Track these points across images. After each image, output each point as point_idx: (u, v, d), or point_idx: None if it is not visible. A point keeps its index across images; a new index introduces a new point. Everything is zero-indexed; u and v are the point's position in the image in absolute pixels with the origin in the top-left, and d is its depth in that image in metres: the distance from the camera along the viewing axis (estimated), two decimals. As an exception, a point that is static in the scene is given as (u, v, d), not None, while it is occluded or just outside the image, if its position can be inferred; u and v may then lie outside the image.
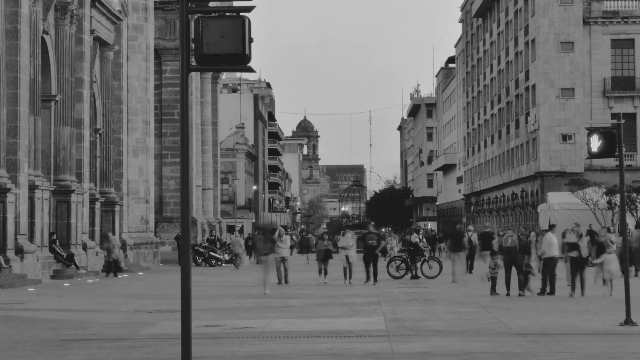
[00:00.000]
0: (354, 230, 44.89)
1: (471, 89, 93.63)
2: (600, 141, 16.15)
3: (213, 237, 52.59)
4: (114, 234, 39.42)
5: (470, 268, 34.41)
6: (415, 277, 31.54)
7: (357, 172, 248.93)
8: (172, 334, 14.49)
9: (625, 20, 62.75)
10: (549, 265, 23.87)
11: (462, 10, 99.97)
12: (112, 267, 34.59)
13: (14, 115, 29.36)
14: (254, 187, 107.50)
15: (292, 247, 60.25)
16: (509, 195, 74.24)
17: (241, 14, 8.43)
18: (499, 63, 78.71)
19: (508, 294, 23.66)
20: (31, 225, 30.54)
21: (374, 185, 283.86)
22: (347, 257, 29.78)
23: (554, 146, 62.42)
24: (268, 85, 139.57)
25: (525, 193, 68.29)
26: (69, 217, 33.73)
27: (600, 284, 23.62)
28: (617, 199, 43.23)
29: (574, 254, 24.06)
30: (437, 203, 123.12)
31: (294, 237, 69.75)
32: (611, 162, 56.52)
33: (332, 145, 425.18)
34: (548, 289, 23.80)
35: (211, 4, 51.33)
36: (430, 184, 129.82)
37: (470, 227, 39.24)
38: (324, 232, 43.68)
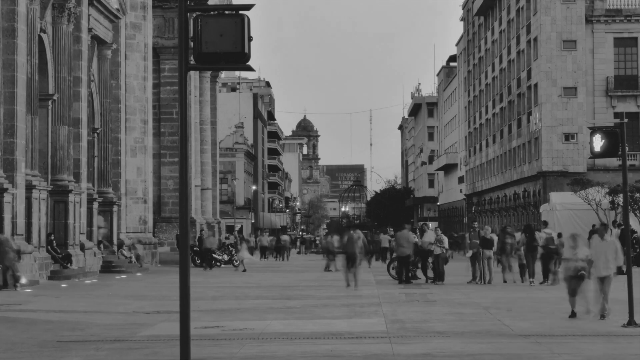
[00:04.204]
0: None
1: (473, 88, 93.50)
2: (603, 140, 16.03)
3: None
4: (111, 234, 39.18)
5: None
6: (415, 277, 31.34)
7: (357, 172, 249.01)
8: (170, 335, 14.41)
9: (629, 18, 62.58)
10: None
11: (463, 9, 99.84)
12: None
13: (11, 114, 29.24)
14: (254, 187, 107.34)
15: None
16: (511, 196, 74.08)
17: (240, 12, 8.40)
18: (500, 62, 78.57)
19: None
20: (28, 225, 30.42)
21: (374, 185, 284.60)
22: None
23: (556, 146, 62.26)
24: (267, 84, 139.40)
25: (527, 193, 68.13)
26: (66, 218, 33.58)
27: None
28: (620, 199, 43.03)
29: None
30: (438, 203, 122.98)
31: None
32: (614, 161, 56.38)
33: (332, 145, 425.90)
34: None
35: (210, 2, 51.22)
36: (431, 184, 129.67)
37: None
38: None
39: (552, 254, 27.95)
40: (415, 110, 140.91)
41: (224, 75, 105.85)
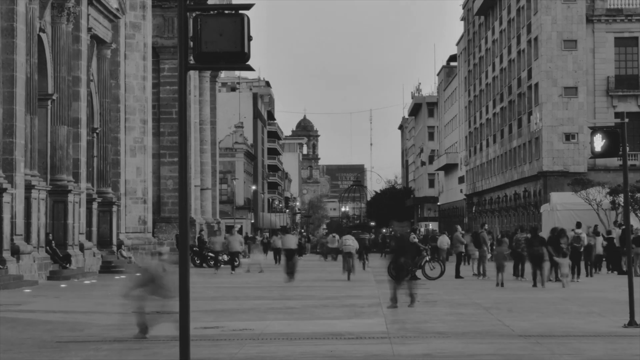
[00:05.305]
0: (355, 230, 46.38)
1: (473, 88, 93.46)
2: (604, 140, 15.97)
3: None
4: (111, 234, 39.11)
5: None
6: (414, 277, 31.26)
7: (357, 172, 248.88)
8: (170, 336, 14.30)
9: (629, 18, 62.55)
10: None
11: (464, 8, 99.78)
12: None
13: (10, 114, 29.19)
14: (253, 187, 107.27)
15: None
16: (512, 196, 74.04)
17: (240, 11, 8.36)
18: (501, 61, 78.53)
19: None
20: (27, 225, 30.39)
21: (374, 185, 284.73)
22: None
23: (557, 145, 62.23)
24: (267, 84, 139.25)
25: (527, 193, 68.07)
26: (65, 218, 33.52)
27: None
28: (621, 199, 42.97)
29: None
30: (438, 203, 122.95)
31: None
32: (615, 161, 56.33)
33: (332, 145, 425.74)
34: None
35: (210, 2, 51.11)
36: (431, 184, 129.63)
37: None
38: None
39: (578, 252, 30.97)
40: (415, 110, 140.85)
41: (223, 75, 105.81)
